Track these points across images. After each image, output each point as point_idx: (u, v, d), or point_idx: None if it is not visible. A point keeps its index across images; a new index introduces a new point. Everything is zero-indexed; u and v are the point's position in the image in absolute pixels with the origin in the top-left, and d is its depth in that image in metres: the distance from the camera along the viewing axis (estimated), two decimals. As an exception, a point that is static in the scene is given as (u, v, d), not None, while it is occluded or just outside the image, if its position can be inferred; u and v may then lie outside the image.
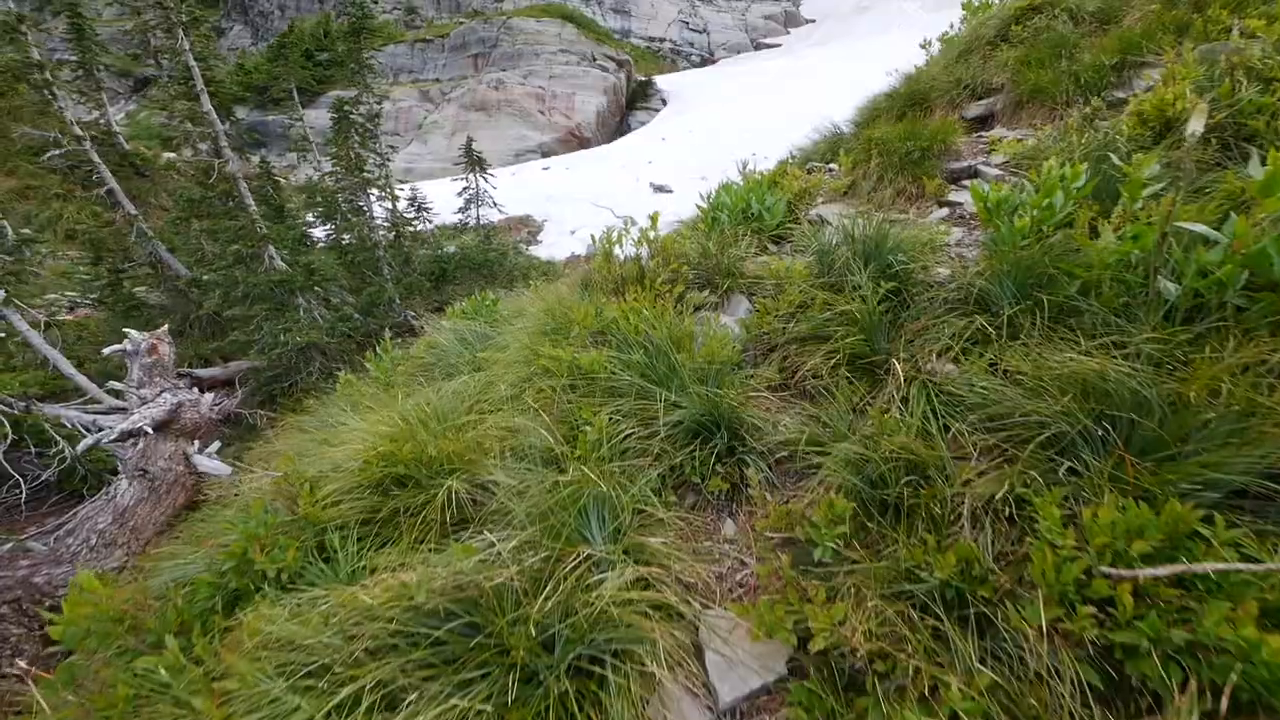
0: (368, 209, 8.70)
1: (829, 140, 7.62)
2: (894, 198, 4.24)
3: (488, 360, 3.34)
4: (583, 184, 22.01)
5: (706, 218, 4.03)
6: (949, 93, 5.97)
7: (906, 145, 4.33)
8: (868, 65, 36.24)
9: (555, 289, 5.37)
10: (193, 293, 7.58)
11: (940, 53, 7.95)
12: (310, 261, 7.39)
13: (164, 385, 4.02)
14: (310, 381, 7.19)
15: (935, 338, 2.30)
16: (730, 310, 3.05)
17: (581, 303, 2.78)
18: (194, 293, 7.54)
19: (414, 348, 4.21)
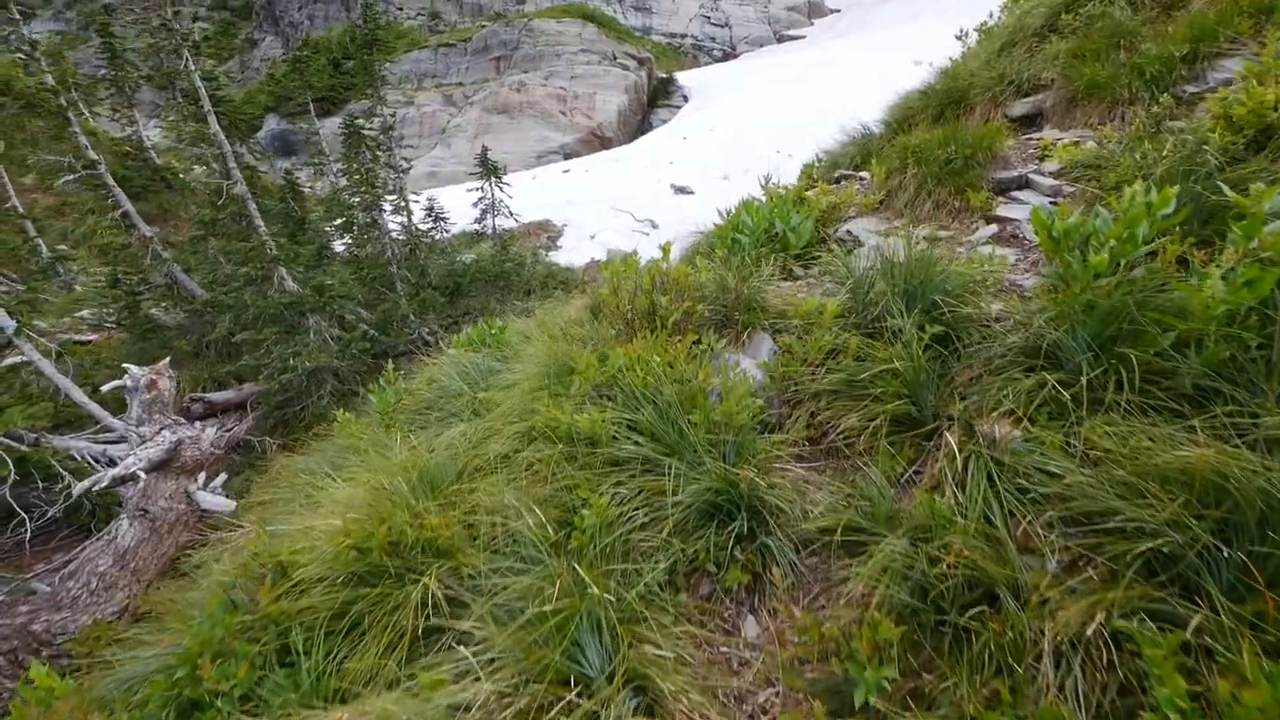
0: (381, 224, 8.61)
1: (858, 143, 7.18)
2: (933, 211, 3.86)
3: (488, 403, 3.10)
4: (603, 186, 21.76)
5: (726, 237, 3.71)
6: (991, 89, 5.50)
7: (947, 152, 3.93)
8: (895, 55, 35.10)
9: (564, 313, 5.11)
10: (208, 313, 7.62)
11: (978, 44, 7.44)
12: (321, 282, 7.30)
13: (164, 422, 3.92)
14: (321, 406, 7.12)
15: (995, 397, 1.96)
16: (752, 350, 2.74)
17: (584, 350, 2.51)
18: (209, 313, 7.57)
19: (417, 378, 4.00)
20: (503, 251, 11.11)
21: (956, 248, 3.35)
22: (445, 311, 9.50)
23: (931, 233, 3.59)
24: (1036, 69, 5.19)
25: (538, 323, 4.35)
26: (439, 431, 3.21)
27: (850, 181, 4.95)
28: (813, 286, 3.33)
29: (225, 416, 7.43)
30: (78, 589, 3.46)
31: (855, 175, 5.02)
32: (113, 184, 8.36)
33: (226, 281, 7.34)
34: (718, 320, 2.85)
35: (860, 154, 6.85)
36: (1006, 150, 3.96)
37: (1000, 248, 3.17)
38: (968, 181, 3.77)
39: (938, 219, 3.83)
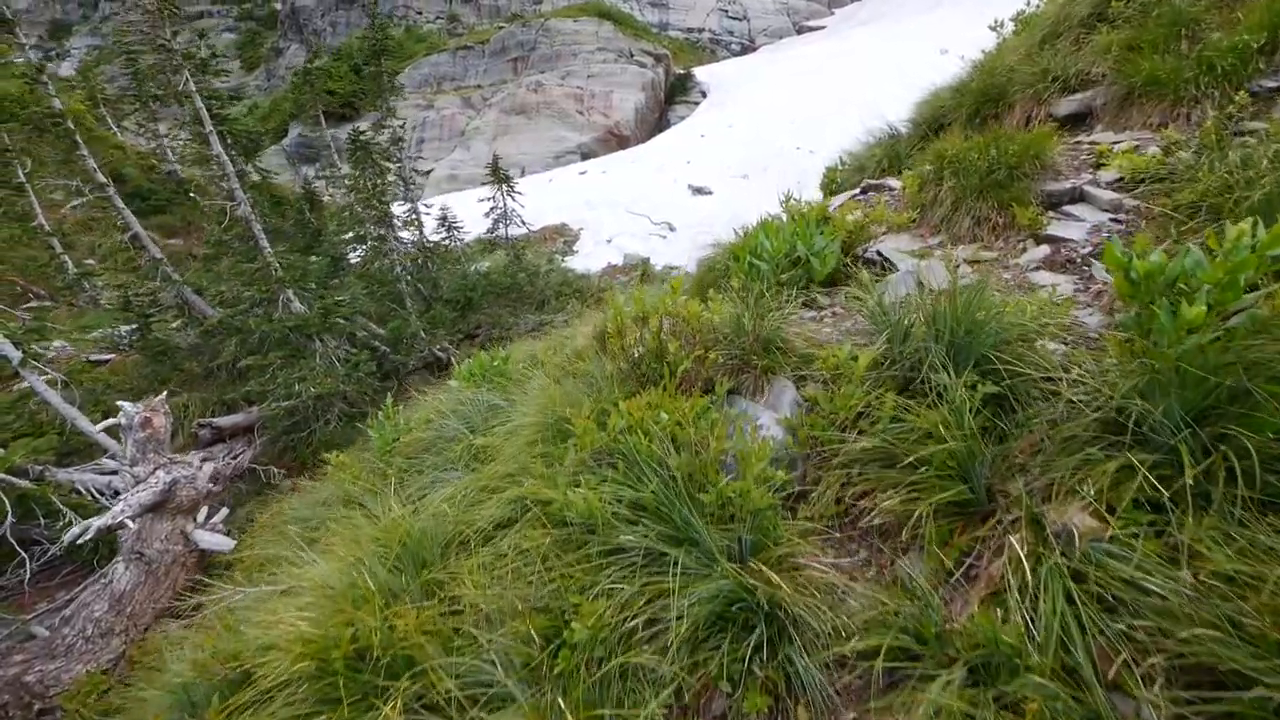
0: (389, 240, 8.49)
1: (884, 145, 6.78)
2: (973, 229, 3.50)
3: (485, 451, 2.87)
4: (620, 187, 21.48)
5: (743, 261, 3.41)
6: (1033, 86, 5.07)
7: (988, 161, 3.56)
8: (918, 44, 34.02)
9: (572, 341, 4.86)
10: (220, 334, 7.59)
11: (1015, 34, 6.94)
12: (327, 304, 7.18)
13: (159, 461, 3.80)
14: (329, 431, 7.00)
15: (1065, 479, 1.63)
16: (772, 399, 2.44)
17: (584, 403, 2.25)
18: (220, 334, 7.53)
19: (419, 412, 3.79)
20: (515, 261, 10.90)
21: (1002, 272, 3.00)
22: (457, 326, 9.32)
23: (973, 254, 3.24)
24: (1085, 63, 4.75)
25: (542, 354, 4.11)
26: (434, 479, 2.99)
27: (878, 193, 4.59)
28: (839, 319, 3.02)
29: (234, 441, 7.39)
30: (73, 636, 3.36)
31: (883, 185, 4.65)
32: (122, 206, 8.38)
33: (234, 303, 7.29)
34: (734, 365, 2.55)
35: (887, 157, 6.46)
36: (1056, 157, 3.56)
37: (1053, 274, 2.81)
38: (1013, 195, 3.39)
39: (979, 237, 3.47)
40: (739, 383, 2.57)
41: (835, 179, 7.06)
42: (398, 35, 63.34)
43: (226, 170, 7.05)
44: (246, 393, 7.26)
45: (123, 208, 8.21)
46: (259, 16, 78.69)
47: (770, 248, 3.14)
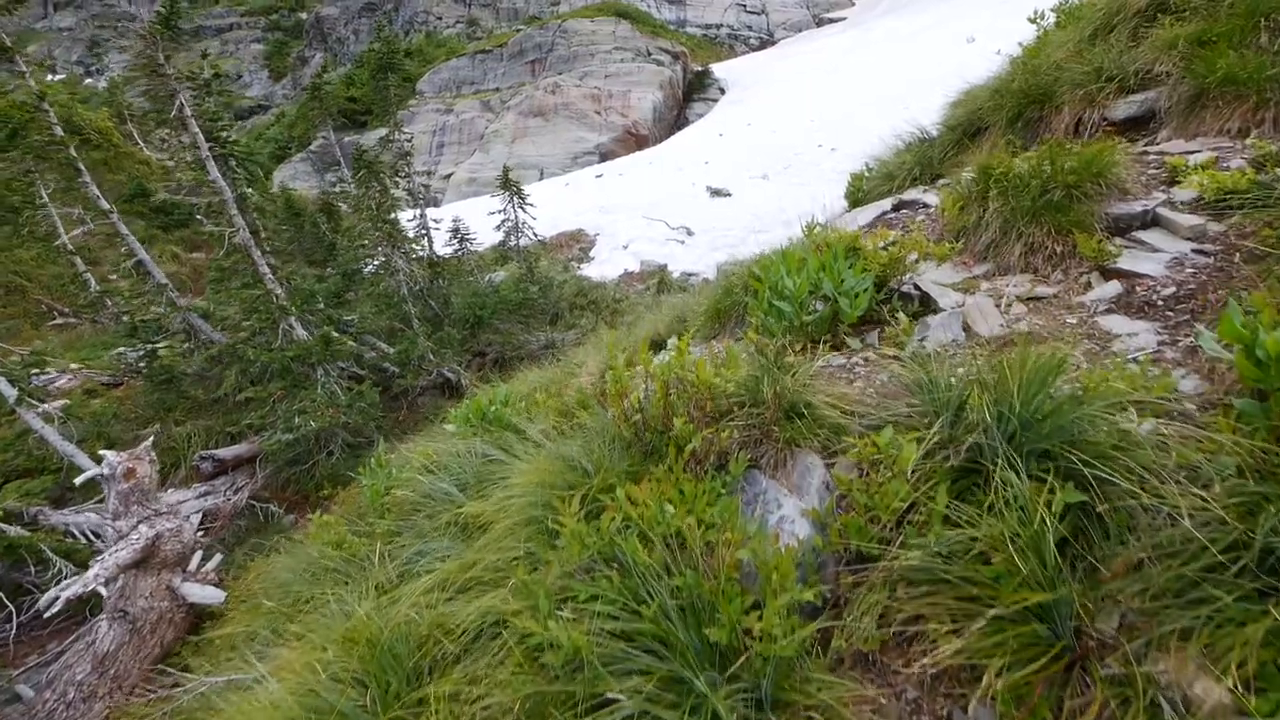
0: (394, 260, 8.31)
1: (914, 150, 6.32)
2: (1025, 257, 3.08)
3: (475, 521, 2.58)
4: (636, 191, 21.13)
5: (762, 299, 3.06)
6: (1083, 86, 4.59)
7: (1041, 179, 3.14)
8: (944, 33, 32.95)
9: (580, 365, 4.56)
10: (225, 359, 7.51)
11: (1058, 27, 6.40)
12: (327, 332, 6.98)
13: (142, 514, 3.61)
14: (331, 464, 6.83)
15: (1178, 627, 1.26)
16: (797, 480, 2.09)
17: (572, 501, 1.93)
18: (227, 360, 7.44)
19: (411, 462, 3.53)
20: (528, 275, 10.67)
21: (1064, 315, 2.59)
22: (466, 345, 9.10)
23: (1027, 289, 2.83)
24: (1145, 60, 4.26)
25: (542, 398, 3.81)
26: (419, 550, 2.72)
27: (911, 211, 4.18)
28: (873, 368, 2.65)
29: (236, 473, 7.27)
30: (54, 701, 3.18)
31: (917, 202, 4.23)
32: (125, 232, 8.35)
33: (235, 330, 7.18)
34: (753, 434, 2.21)
35: (919, 164, 6.00)
36: (1123, 173, 3.12)
37: (1129, 320, 2.40)
38: (1072, 219, 2.97)
39: (1032, 267, 3.06)
40: (758, 455, 2.22)
41: (861, 187, 6.62)
42: (418, 41, 64.09)
43: (224, 196, 6.90)
44: (247, 425, 7.15)
45: (127, 234, 8.19)
46: (285, 27, 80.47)
47: (793, 288, 2.78)
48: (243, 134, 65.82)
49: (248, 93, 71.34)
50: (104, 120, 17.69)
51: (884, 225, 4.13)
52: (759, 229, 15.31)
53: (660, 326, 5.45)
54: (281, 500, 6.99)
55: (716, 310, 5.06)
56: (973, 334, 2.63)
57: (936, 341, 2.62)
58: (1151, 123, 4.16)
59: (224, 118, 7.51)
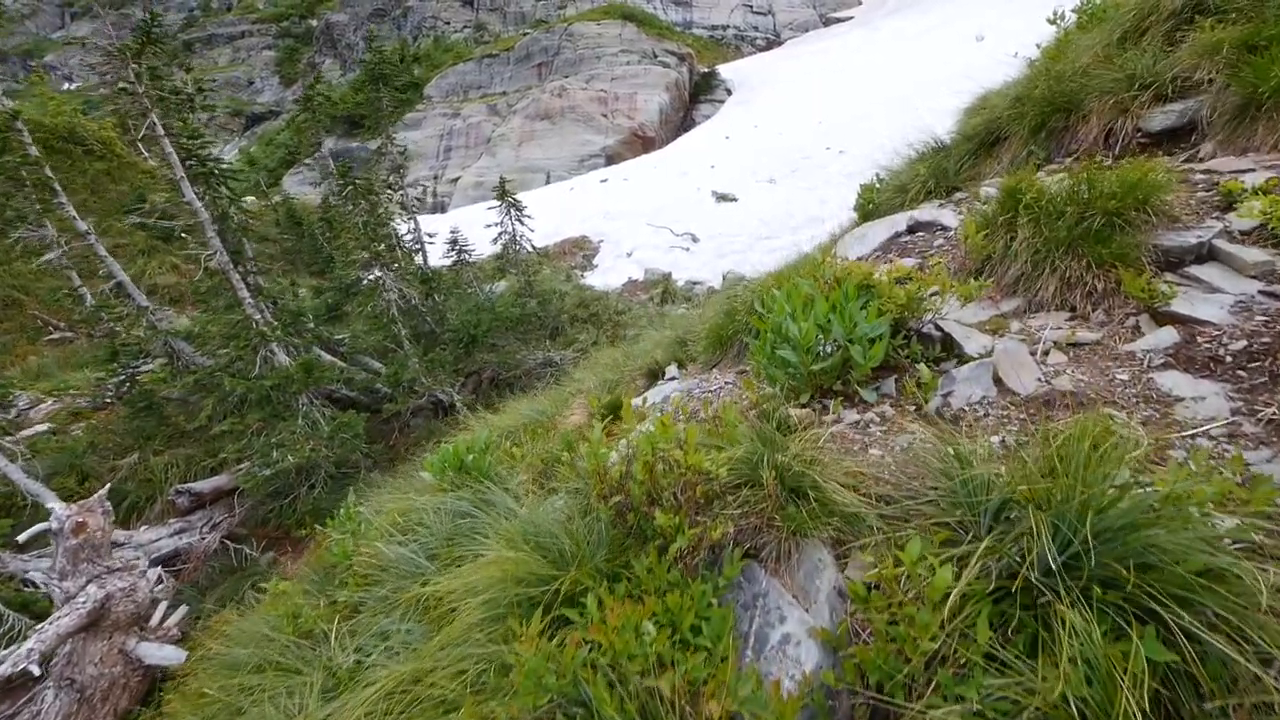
0: (383, 281, 8.00)
1: (928, 160, 5.97)
2: (1061, 293, 2.74)
3: (437, 605, 2.29)
4: (641, 196, 20.81)
5: (764, 345, 2.74)
6: (1114, 94, 4.23)
7: (1078, 205, 2.80)
8: (953, 31, 32.38)
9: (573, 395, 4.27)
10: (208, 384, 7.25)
11: (1080, 29, 6.03)
12: (309, 360, 6.67)
13: (92, 573, 3.35)
14: (313, 498, 6.54)
15: None
16: (802, 583, 1.77)
17: (532, 622, 1.62)
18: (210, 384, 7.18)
19: (387, 509, 3.24)
20: (526, 289, 10.35)
21: (1114, 369, 2.25)
22: (461, 365, 8.78)
23: (1066, 334, 2.50)
24: (1184, 66, 3.90)
25: (529, 439, 3.52)
26: (378, 630, 2.43)
27: (928, 234, 3.84)
28: (890, 429, 2.32)
29: (215, 507, 6.98)
30: (-4, 780, 2.93)
31: (935, 223, 3.90)
32: (104, 254, 8.12)
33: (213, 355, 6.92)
34: (748, 523, 1.90)
35: (933, 176, 5.64)
36: (1170, 197, 2.77)
37: (1191, 378, 2.06)
38: (1115, 252, 2.63)
39: (1069, 304, 2.72)
40: (757, 543, 1.91)
41: (872, 199, 6.27)
42: (426, 46, 64.19)
43: (200, 218, 6.64)
44: (222, 459, 6.88)
45: (105, 255, 7.98)
46: (296, 33, 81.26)
47: (799, 333, 2.46)
48: (254, 140, 66.38)
49: (259, 99, 71.93)
50: (107, 129, 17.64)
51: (898, 250, 3.80)
52: (766, 235, 14.95)
53: (659, 353, 5.15)
54: (261, 537, 6.70)
55: (718, 336, 4.75)
56: (1005, 388, 2.30)
57: (964, 398, 2.30)
58: (1192, 135, 3.80)
59: (205, 134, 7.24)
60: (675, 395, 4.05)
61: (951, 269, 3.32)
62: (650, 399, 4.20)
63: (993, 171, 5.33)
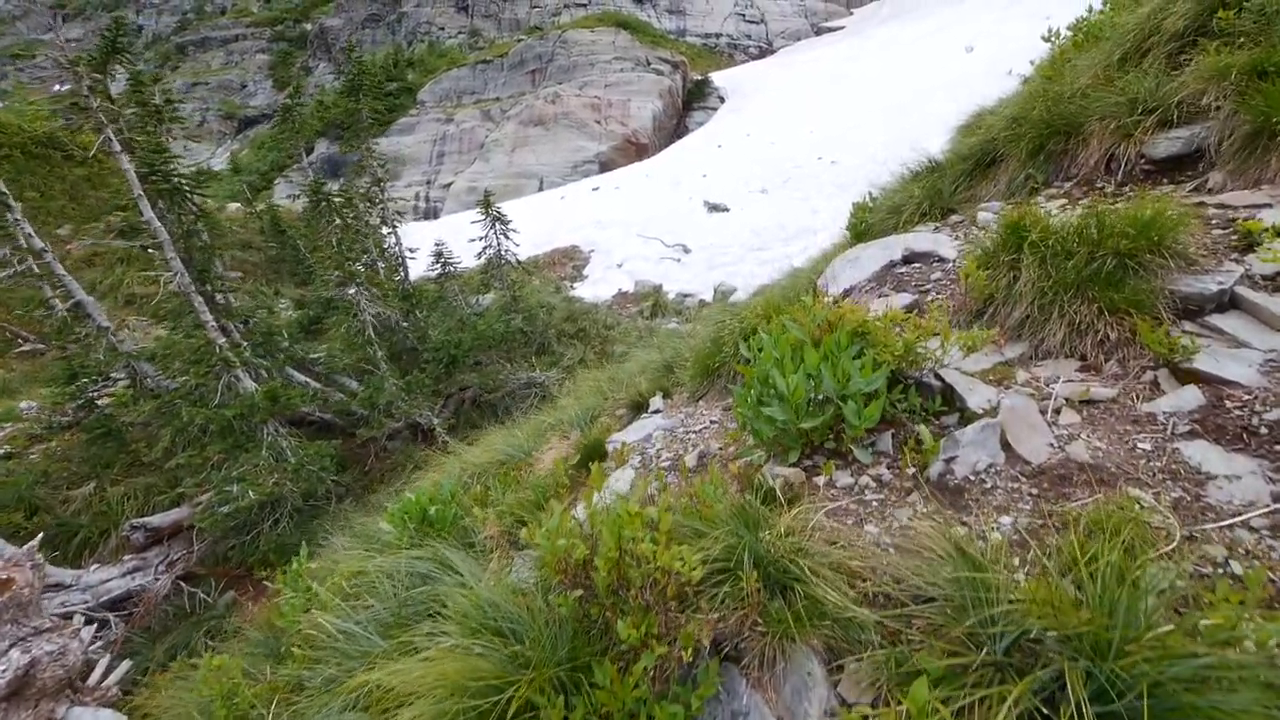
0: (358, 302, 7.68)
1: (924, 181, 5.79)
2: (1070, 341, 2.54)
3: (379, 692, 2.05)
4: (633, 205, 20.62)
5: (748, 396, 2.52)
6: (1115, 117, 4.06)
7: (1088, 244, 2.60)
8: (943, 41, 32.57)
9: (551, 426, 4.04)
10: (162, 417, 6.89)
11: (1074, 46, 5.90)
12: (274, 386, 6.33)
13: (17, 634, 3.06)
14: (277, 534, 6.20)
15: None
16: (788, 703, 1.53)
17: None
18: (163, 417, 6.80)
19: (330, 581, 2.97)
20: (512, 304, 10.05)
21: (1133, 434, 2.04)
22: (441, 386, 8.47)
23: (1079, 389, 2.29)
24: (1190, 90, 3.73)
25: (498, 484, 3.28)
26: None
27: (925, 265, 3.64)
28: (887, 500, 2.10)
29: (173, 542, 6.60)
30: None
31: (931, 254, 3.70)
32: (63, 273, 7.78)
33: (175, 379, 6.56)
34: (730, 625, 1.66)
35: (928, 197, 5.46)
36: (1187, 237, 2.58)
37: (1222, 451, 1.85)
38: (1128, 297, 2.43)
39: (1078, 352, 2.51)
40: (738, 647, 1.68)
41: (865, 219, 6.08)
42: (420, 51, 63.98)
43: (160, 238, 6.32)
44: (180, 493, 6.51)
45: (64, 274, 7.64)
46: (290, 37, 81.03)
47: (788, 388, 2.24)
48: (246, 143, 65.76)
49: (252, 102, 71.53)
50: (88, 135, 17.27)
51: (893, 282, 3.59)
52: (758, 246, 14.78)
53: (643, 382, 4.92)
54: (221, 575, 6.32)
55: (705, 365, 4.54)
56: (1014, 454, 2.09)
57: (969, 465, 2.08)
58: (1199, 163, 3.63)
59: (169, 149, 6.93)
60: (658, 434, 3.82)
61: (951, 307, 3.12)
62: (631, 437, 3.97)
63: (989, 193, 5.16)
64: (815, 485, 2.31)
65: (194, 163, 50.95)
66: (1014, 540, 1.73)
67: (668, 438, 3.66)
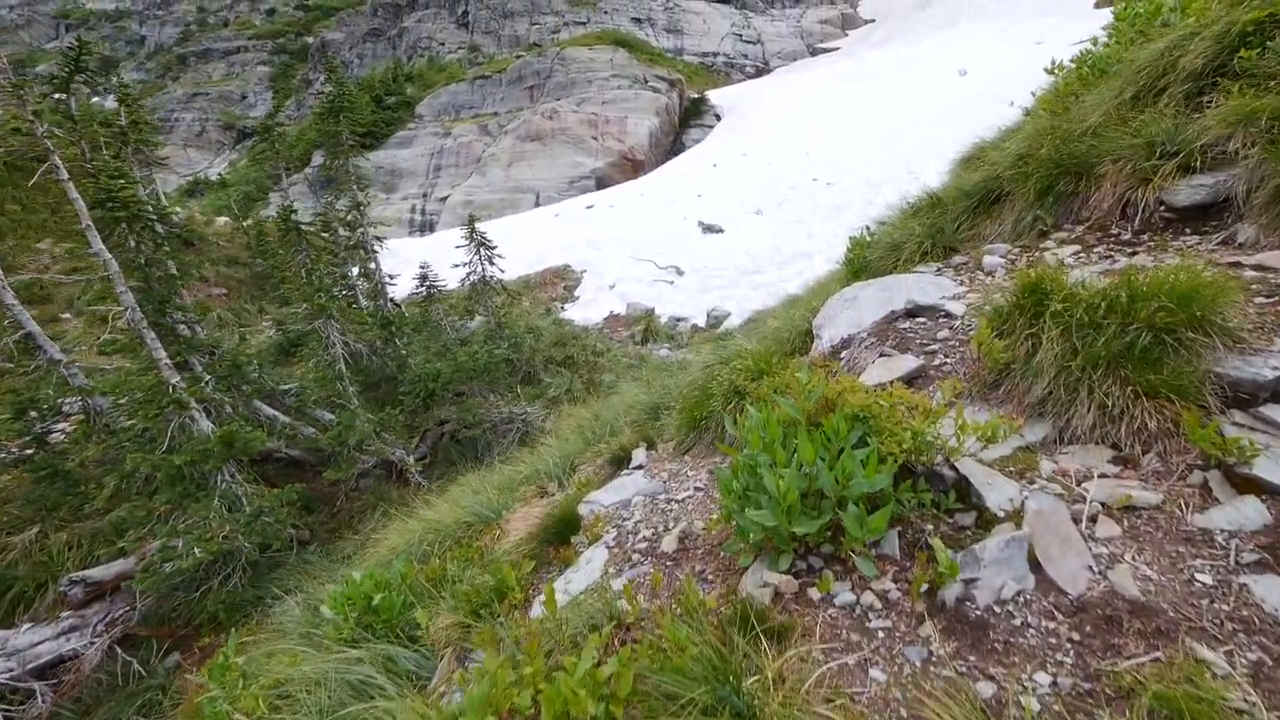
0: (328, 335, 7.28)
1: (925, 218, 5.52)
2: (1102, 425, 2.23)
3: None
4: (627, 225, 20.42)
5: (732, 495, 2.19)
6: (1130, 159, 3.81)
7: (1118, 314, 2.30)
8: (936, 64, 32.92)
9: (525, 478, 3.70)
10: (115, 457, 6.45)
11: (1079, 79, 5.67)
12: (230, 430, 5.89)
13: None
14: (227, 591, 5.71)
15: None
16: None
17: None
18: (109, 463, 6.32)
19: (251, 690, 2.59)
20: (497, 331, 9.66)
21: (1187, 555, 1.72)
22: (417, 422, 8.06)
23: (1115, 493, 1.97)
24: (1213, 133, 3.48)
25: (458, 558, 2.93)
26: None
27: (931, 320, 3.34)
28: (896, 629, 1.77)
29: (116, 598, 6.09)
30: None
31: (937, 308, 3.39)
32: (12, 302, 7.35)
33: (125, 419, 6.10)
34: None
35: (929, 235, 5.18)
36: (1232, 309, 2.28)
37: (1302, 591, 1.52)
38: (1169, 381, 2.13)
39: (1110, 439, 2.20)
40: None
41: (863, 255, 5.81)
42: (420, 66, 64.37)
43: (110, 271, 5.92)
44: (121, 549, 6.01)
45: (13, 304, 7.24)
46: (291, 50, 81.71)
47: (777, 489, 1.92)
48: (244, 153, 65.64)
49: (252, 113, 71.83)
50: (68, 145, 16.97)
51: (895, 338, 3.28)
52: (752, 269, 14.54)
53: (627, 433, 4.59)
54: (165, 636, 5.82)
55: (691, 417, 4.22)
56: (1045, 579, 1.76)
57: (992, 591, 1.75)
58: (1226, 213, 3.37)
59: (131, 174, 6.51)
60: (638, 500, 3.49)
61: (962, 373, 2.81)
62: (609, 499, 3.63)
63: (993, 232, 4.90)
64: (809, 600, 1.97)
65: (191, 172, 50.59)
66: (1055, 712, 1.40)
67: (648, 506, 3.33)
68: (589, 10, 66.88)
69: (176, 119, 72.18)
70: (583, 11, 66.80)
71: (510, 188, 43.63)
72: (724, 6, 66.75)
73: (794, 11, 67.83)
